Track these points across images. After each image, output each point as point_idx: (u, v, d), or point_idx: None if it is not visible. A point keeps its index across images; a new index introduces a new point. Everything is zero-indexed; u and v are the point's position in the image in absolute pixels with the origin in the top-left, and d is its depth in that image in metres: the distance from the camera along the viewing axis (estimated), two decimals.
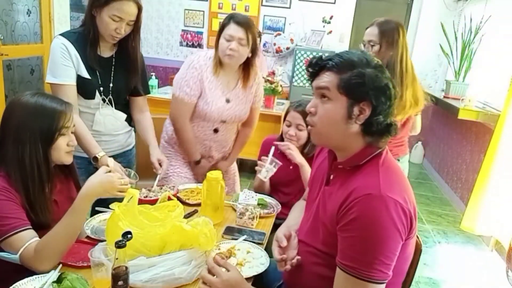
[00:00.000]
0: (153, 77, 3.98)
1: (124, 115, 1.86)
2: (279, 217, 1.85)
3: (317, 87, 1.10)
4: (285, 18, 5.47)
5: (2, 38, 3.57)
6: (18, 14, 3.74)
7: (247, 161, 3.80)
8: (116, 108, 1.81)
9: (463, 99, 3.54)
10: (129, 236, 1.09)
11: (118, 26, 1.61)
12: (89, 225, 1.48)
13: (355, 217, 0.98)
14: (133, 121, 1.96)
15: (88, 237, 1.41)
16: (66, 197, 1.42)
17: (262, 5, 5.48)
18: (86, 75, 1.68)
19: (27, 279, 1.11)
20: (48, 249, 1.16)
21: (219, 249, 1.39)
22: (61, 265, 1.19)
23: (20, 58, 3.85)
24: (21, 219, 1.18)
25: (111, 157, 1.56)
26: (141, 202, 1.46)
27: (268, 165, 1.81)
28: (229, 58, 1.87)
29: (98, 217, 1.56)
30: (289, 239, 1.27)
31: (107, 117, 1.79)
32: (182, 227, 1.24)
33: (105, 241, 1.27)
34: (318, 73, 1.11)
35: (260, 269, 1.31)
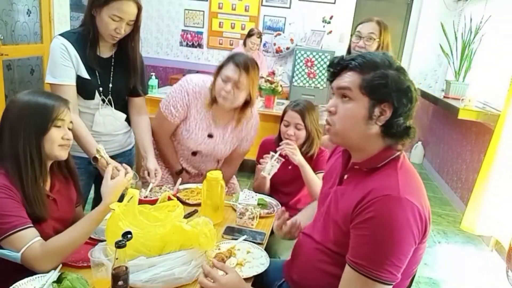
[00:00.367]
0: (153, 77, 3.97)
1: (123, 115, 1.86)
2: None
3: (338, 87, 1.10)
4: (285, 18, 5.47)
5: (2, 38, 3.57)
6: (18, 14, 3.74)
7: (247, 161, 3.76)
8: (115, 108, 1.80)
9: (463, 99, 3.54)
10: (129, 236, 1.09)
11: (118, 26, 1.61)
12: None
13: (371, 216, 0.98)
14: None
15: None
16: (65, 197, 1.42)
17: (262, 5, 5.49)
18: (85, 75, 1.68)
19: (27, 279, 1.11)
20: (58, 249, 1.18)
21: (219, 249, 1.39)
22: (61, 265, 1.19)
23: (20, 58, 3.85)
24: (22, 217, 1.18)
25: (111, 157, 1.56)
26: (141, 202, 1.46)
27: (271, 161, 1.84)
28: (223, 99, 1.79)
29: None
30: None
31: (107, 117, 1.79)
32: (182, 227, 1.24)
33: (105, 241, 1.27)
34: (339, 73, 1.11)
35: (260, 269, 1.31)
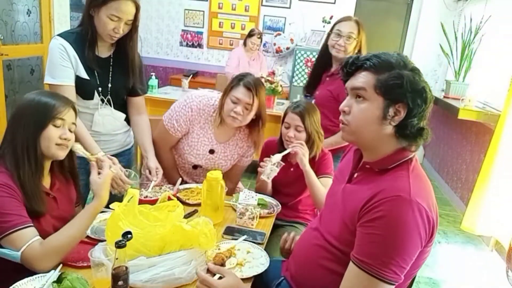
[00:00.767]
0: (153, 77, 3.97)
1: (123, 115, 1.86)
2: (279, 217, 1.85)
3: (353, 87, 1.10)
4: (285, 18, 5.47)
5: (2, 38, 3.57)
6: (18, 14, 3.74)
7: None
8: (115, 108, 1.80)
9: (463, 99, 3.54)
10: (129, 236, 1.09)
11: (116, 25, 1.60)
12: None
13: (380, 216, 0.99)
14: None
15: (88, 237, 1.41)
16: (65, 195, 1.42)
17: (262, 5, 5.49)
18: (84, 75, 1.68)
19: (27, 279, 1.11)
20: (57, 248, 1.18)
21: (219, 249, 1.39)
22: (61, 265, 1.19)
23: (20, 58, 3.85)
24: (22, 216, 1.18)
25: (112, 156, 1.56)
26: (141, 202, 1.46)
27: (271, 165, 1.82)
28: (232, 120, 1.82)
29: (98, 217, 1.54)
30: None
31: (106, 117, 1.79)
32: (182, 227, 1.24)
33: (105, 241, 1.27)
34: (353, 73, 1.11)
35: (260, 269, 1.31)
